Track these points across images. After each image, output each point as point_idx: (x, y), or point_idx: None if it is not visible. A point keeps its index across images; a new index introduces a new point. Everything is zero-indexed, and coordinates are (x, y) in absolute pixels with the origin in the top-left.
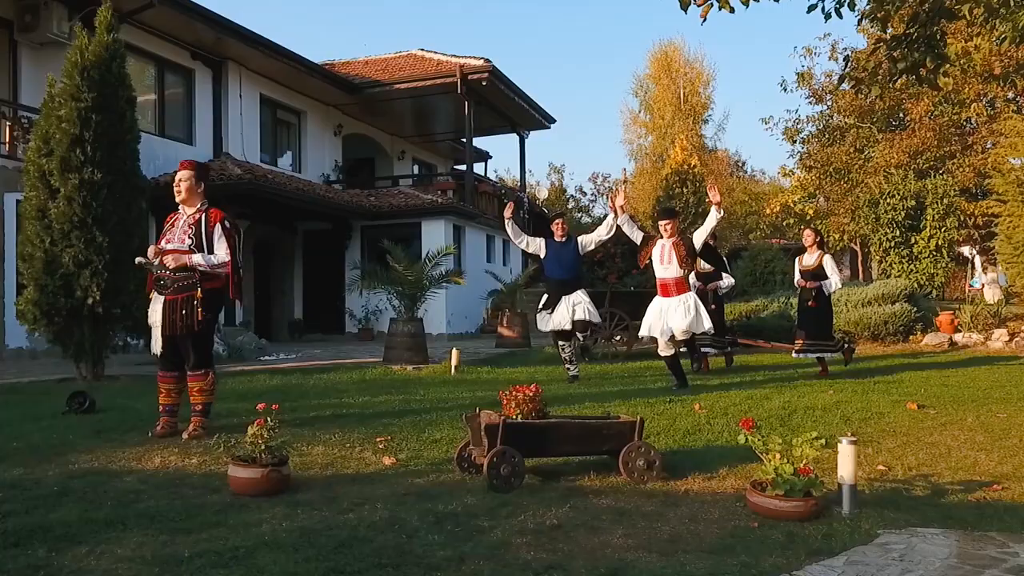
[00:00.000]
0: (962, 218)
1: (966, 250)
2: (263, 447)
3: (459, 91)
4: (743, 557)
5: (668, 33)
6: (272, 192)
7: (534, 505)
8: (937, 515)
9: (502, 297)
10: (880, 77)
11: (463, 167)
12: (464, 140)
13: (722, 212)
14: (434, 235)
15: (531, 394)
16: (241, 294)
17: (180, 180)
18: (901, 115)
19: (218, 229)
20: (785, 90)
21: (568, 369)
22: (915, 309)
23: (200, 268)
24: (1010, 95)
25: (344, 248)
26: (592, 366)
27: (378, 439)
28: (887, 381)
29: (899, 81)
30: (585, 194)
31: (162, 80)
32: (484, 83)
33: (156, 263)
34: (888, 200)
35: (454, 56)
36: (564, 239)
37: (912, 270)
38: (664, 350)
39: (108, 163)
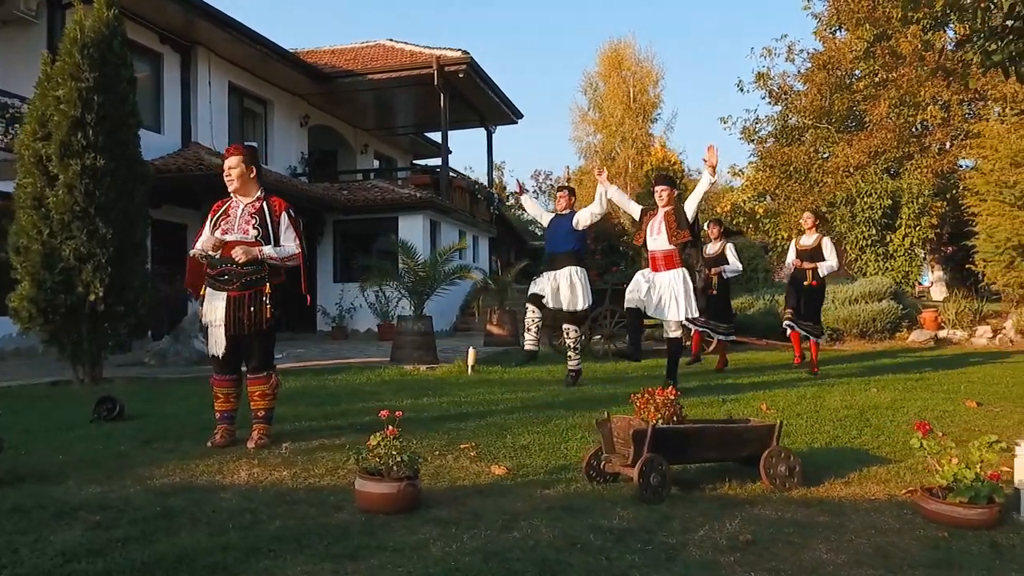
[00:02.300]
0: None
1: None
2: (398, 459)
3: (435, 83)
4: (974, 572)
5: (618, 31)
6: None
7: (700, 518)
8: None
9: (491, 294)
10: (974, 68)
11: (423, 161)
12: (427, 134)
13: (715, 177)
14: (411, 230)
15: (672, 397)
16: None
17: (230, 168)
18: (859, 116)
19: (284, 219)
20: (742, 90)
21: (525, 337)
22: (901, 306)
23: (271, 261)
24: (965, 98)
25: (316, 243)
26: (603, 365)
27: (463, 446)
28: (916, 378)
29: (989, 73)
30: (527, 191)
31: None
32: (461, 75)
33: (218, 256)
34: (865, 199)
35: (427, 47)
36: (565, 211)
37: (888, 268)
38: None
39: (110, 148)
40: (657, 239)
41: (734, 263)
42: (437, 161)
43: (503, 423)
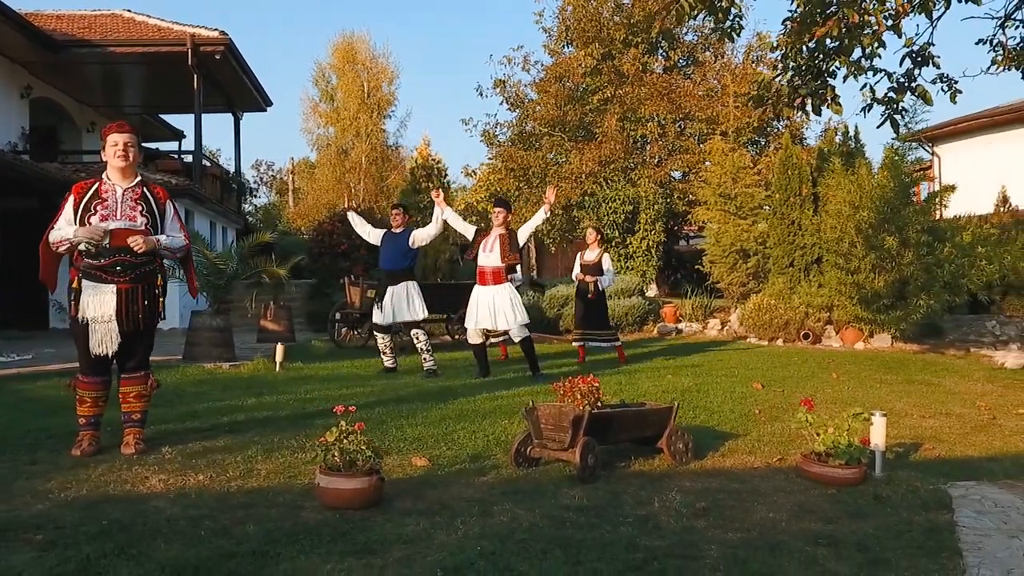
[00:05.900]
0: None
1: None
2: (367, 453)
3: (189, 63)
4: (891, 518)
5: (351, 24)
6: None
7: (642, 492)
8: (936, 471)
9: (265, 289)
10: (783, 98)
11: (154, 144)
12: (159, 115)
13: (548, 214)
14: None
15: (596, 385)
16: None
17: (127, 145)
18: (588, 127)
19: (170, 208)
20: (482, 95)
21: (383, 359)
22: (647, 302)
23: (164, 253)
24: (677, 117)
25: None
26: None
27: None
28: (692, 365)
29: (796, 102)
30: (247, 181)
31: None
32: (218, 57)
33: (106, 244)
34: (610, 204)
35: (176, 23)
36: (400, 229)
37: (629, 267)
38: (473, 338)
39: None
40: (490, 256)
41: (519, 271)
42: (172, 145)
43: (375, 417)
